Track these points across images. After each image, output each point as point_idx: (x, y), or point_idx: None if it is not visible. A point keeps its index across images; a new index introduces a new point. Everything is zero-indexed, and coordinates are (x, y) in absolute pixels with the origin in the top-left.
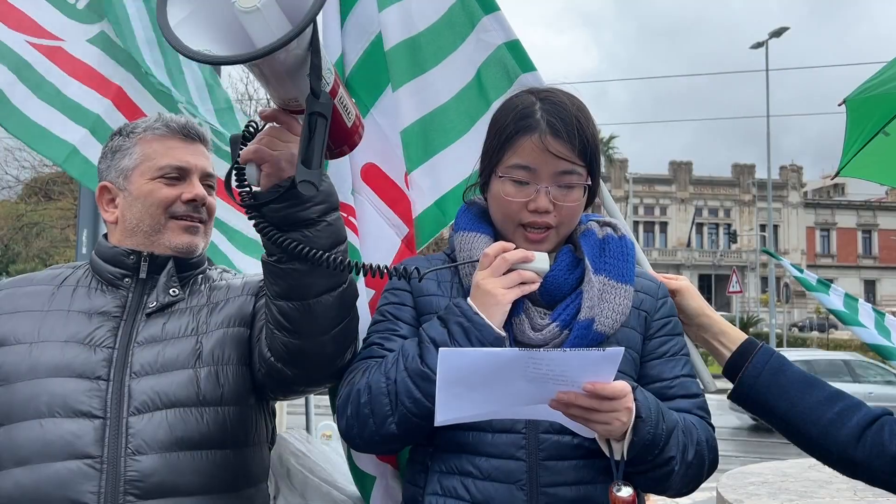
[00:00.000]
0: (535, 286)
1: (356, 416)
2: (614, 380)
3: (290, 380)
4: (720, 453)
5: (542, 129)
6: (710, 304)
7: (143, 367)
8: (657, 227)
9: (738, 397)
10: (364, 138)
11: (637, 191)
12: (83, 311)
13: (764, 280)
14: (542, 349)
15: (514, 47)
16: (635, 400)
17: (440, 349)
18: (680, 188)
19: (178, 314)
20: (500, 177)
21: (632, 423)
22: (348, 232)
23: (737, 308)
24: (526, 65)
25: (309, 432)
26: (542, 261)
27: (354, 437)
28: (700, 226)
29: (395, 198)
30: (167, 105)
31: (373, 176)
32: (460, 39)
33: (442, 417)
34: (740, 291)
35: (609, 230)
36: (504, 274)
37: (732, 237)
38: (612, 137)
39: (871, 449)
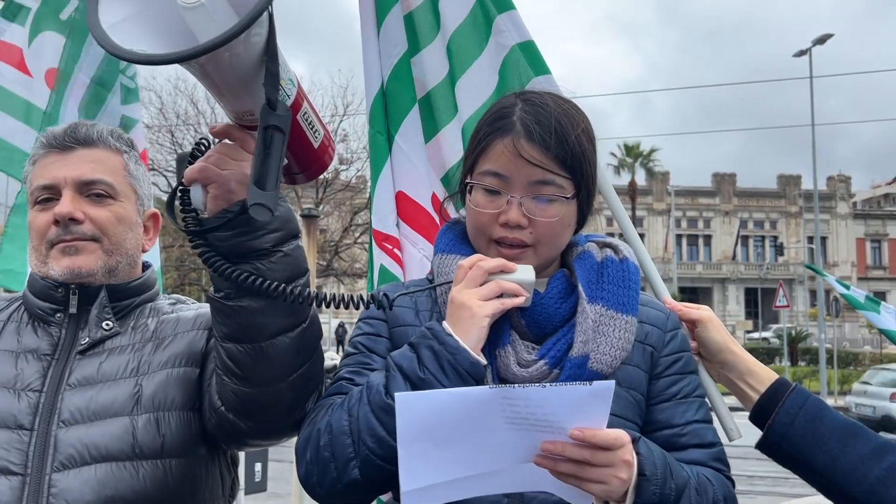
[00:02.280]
0: (520, 300)
1: (316, 461)
2: (612, 428)
3: (244, 433)
4: (745, 474)
5: (517, 131)
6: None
7: (72, 414)
8: (701, 241)
9: (768, 448)
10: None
11: (679, 203)
12: (10, 351)
13: (812, 293)
14: (517, 386)
15: (528, 48)
16: (637, 453)
17: (396, 394)
18: (724, 200)
19: (118, 352)
20: (470, 184)
21: (633, 482)
22: (392, 264)
23: (784, 323)
24: (539, 67)
25: None
26: (524, 272)
27: (314, 485)
28: (745, 238)
29: (424, 224)
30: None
31: (402, 205)
32: (484, 43)
33: (410, 486)
34: (787, 306)
35: (609, 252)
36: (481, 285)
37: (779, 250)
38: (652, 150)
39: None
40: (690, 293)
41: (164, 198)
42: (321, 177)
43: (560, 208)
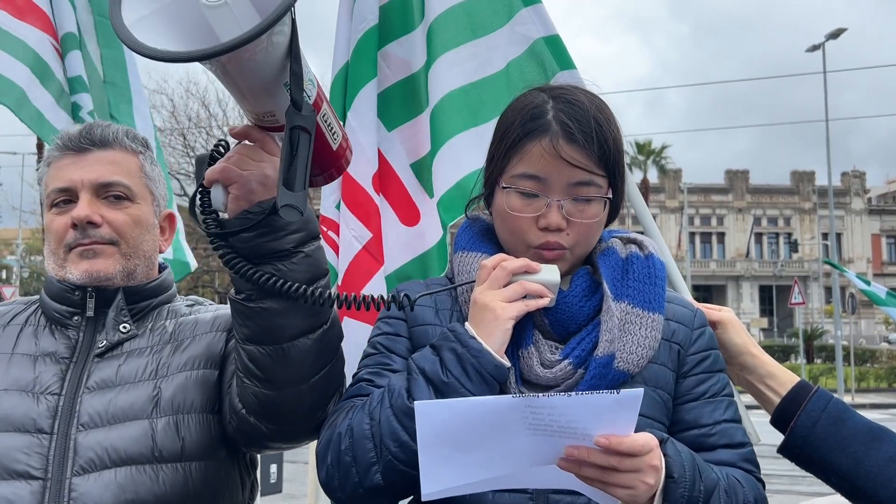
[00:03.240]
0: (544, 302)
1: (337, 465)
2: (638, 429)
3: (265, 436)
4: (766, 475)
5: (554, 131)
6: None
7: (91, 417)
8: (714, 238)
9: (790, 451)
10: None
11: (692, 201)
12: (28, 354)
13: (828, 290)
14: (541, 395)
15: (554, 42)
16: (665, 455)
17: (416, 403)
18: (737, 197)
19: (137, 354)
20: (505, 188)
21: (661, 485)
22: (328, 250)
23: (800, 320)
24: (565, 62)
25: None
26: (549, 272)
27: (335, 489)
28: (759, 235)
29: (361, 202)
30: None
31: (345, 185)
32: (495, 26)
33: (430, 489)
34: (803, 303)
35: (634, 248)
36: (505, 286)
37: (793, 246)
38: (664, 147)
39: None
40: (704, 291)
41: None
42: None
43: (598, 208)
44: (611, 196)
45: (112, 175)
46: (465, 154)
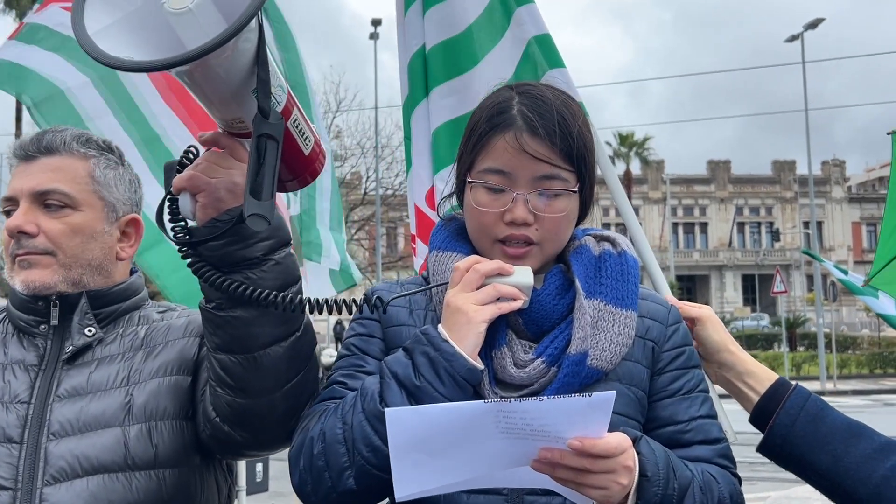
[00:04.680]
0: (518, 304)
1: (310, 470)
2: (614, 428)
3: (240, 443)
4: (746, 460)
5: (518, 125)
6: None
7: (62, 426)
8: (697, 228)
9: (770, 450)
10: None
11: (675, 192)
12: None
13: (809, 278)
14: (513, 399)
15: (544, 41)
16: (639, 454)
17: (386, 410)
18: (719, 187)
19: (108, 362)
20: (471, 183)
21: (635, 484)
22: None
23: (782, 309)
24: (554, 60)
25: None
26: (522, 274)
27: (309, 494)
28: (741, 225)
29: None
30: None
31: (418, 218)
32: (499, 36)
33: (403, 492)
34: (785, 291)
35: (607, 246)
36: (478, 288)
37: (775, 235)
38: (646, 139)
39: None
40: (688, 281)
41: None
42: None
43: (566, 202)
44: (577, 190)
45: (50, 183)
46: None
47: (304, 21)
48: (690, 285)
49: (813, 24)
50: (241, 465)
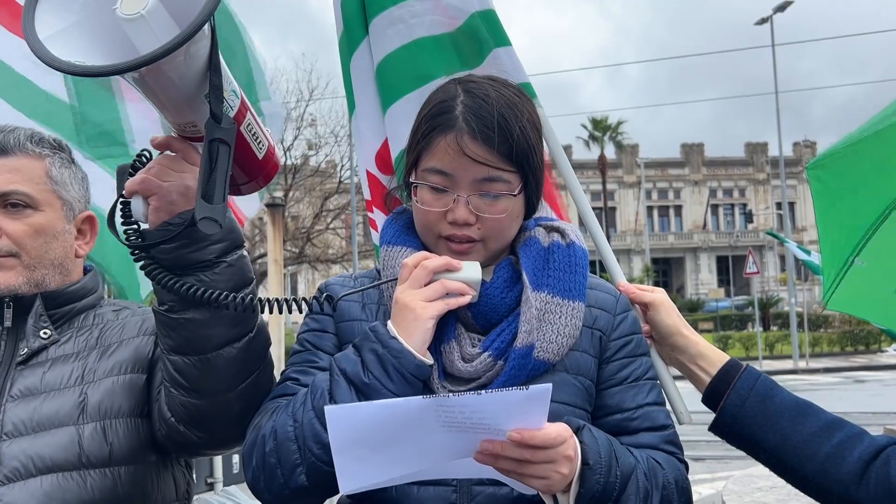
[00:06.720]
0: (466, 300)
1: (262, 467)
2: (558, 418)
3: (196, 443)
4: (716, 449)
5: (459, 127)
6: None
7: (15, 426)
8: (672, 211)
9: (721, 429)
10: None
11: (650, 175)
12: None
13: (782, 258)
14: (451, 395)
15: (488, 17)
16: (581, 443)
17: (326, 408)
18: (693, 170)
19: (62, 361)
20: (414, 182)
21: (577, 472)
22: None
23: (756, 289)
24: (500, 38)
25: None
26: (470, 270)
27: (262, 490)
28: (715, 207)
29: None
30: None
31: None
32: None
33: (347, 487)
34: (758, 272)
35: (556, 237)
36: (427, 285)
37: (748, 217)
38: (619, 123)
39: (876, 487)
40: (663, 264)
41: None
42: (289, 163)
43: (508, 203)
44: (519, 192)
45: (9, 184)
46: (402, 126)
47: (272, 4)
48: (666, 268)
49: (782, 7)
50: (217, 458)
